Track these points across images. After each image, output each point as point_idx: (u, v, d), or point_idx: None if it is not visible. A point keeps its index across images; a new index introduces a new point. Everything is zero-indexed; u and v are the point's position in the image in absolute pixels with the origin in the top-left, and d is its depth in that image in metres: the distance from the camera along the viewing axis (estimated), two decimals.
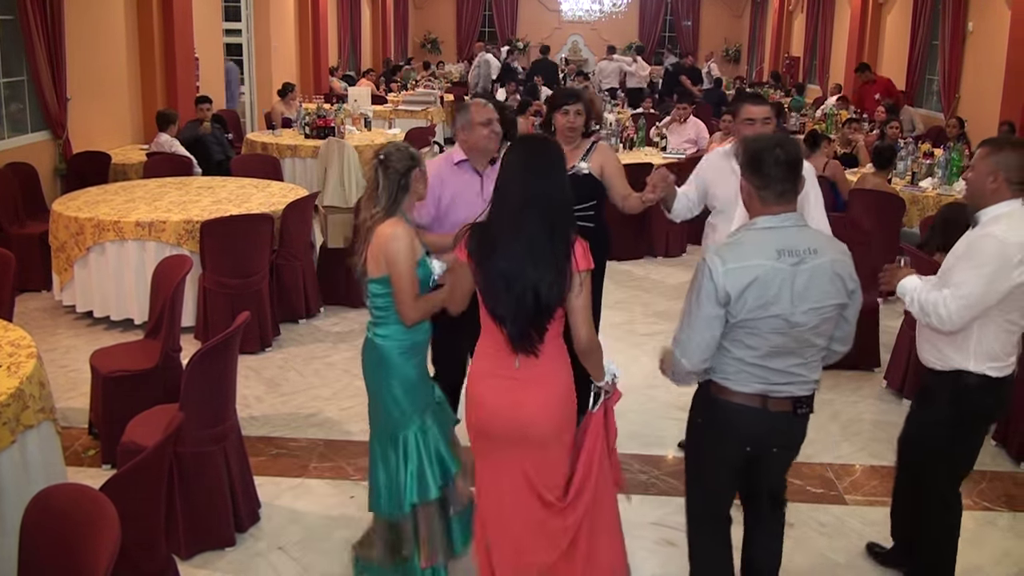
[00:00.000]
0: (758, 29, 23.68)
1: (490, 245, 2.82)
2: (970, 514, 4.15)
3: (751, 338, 2.81)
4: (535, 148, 2.93)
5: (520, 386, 2.89)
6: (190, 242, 5.91)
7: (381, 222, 3.18)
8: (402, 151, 3.25)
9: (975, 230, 3.22)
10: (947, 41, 12.36)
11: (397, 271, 3.14)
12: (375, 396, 3.36)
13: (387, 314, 3.26)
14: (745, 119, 4.05)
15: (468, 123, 3.99)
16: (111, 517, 2.19)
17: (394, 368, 3.28)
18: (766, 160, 2.81)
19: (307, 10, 15.02)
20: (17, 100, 7.94)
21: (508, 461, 2.96)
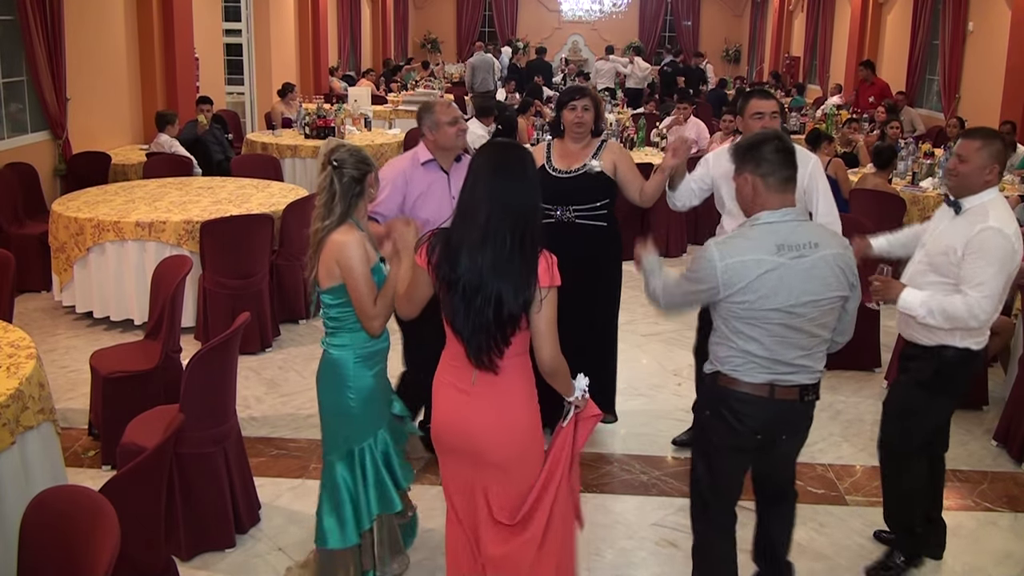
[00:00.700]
0: (758, 29, 23.67)
1: (452, 254, 2.69)
2: (971, 515, 4.17)
3: (755, 330, 2.85)
4: (502, 152, 2.80)
5: (473, 403, 2.79)
6: (190, 242, 5.91)
7: (333, 230, 3.08)
8: (355, 155, 3.14)
9: (965, 221, 3.32)
10: (947, 41, 12.35)
11: (354, 280, 3.04)
12: (329, 410, 3.25)
13: (341, 324, 3.16)
14: (754, 113, 4.07)
15: (435, 123, 4.01)
16: (111, 518, 2.18)
17: (350, 378, 3.17)
18: (765, 148, 2.87)
19: (307, 10, 15.01)
20: (17, 100, 7.94)
21: (467, 476, 2.88)
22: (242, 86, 13.23)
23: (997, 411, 5.05)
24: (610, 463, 4.55)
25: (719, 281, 2.81)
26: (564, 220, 4.34)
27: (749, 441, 3.00)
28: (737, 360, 2.91)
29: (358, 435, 3.21)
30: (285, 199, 6.61)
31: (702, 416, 3.12)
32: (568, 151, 4.43)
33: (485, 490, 2.85)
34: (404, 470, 3.34)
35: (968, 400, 5.22)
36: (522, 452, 2.84)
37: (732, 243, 2.85)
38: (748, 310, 2.82)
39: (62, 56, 7.92)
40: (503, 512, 2.84)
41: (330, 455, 3.26)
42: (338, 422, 3.23)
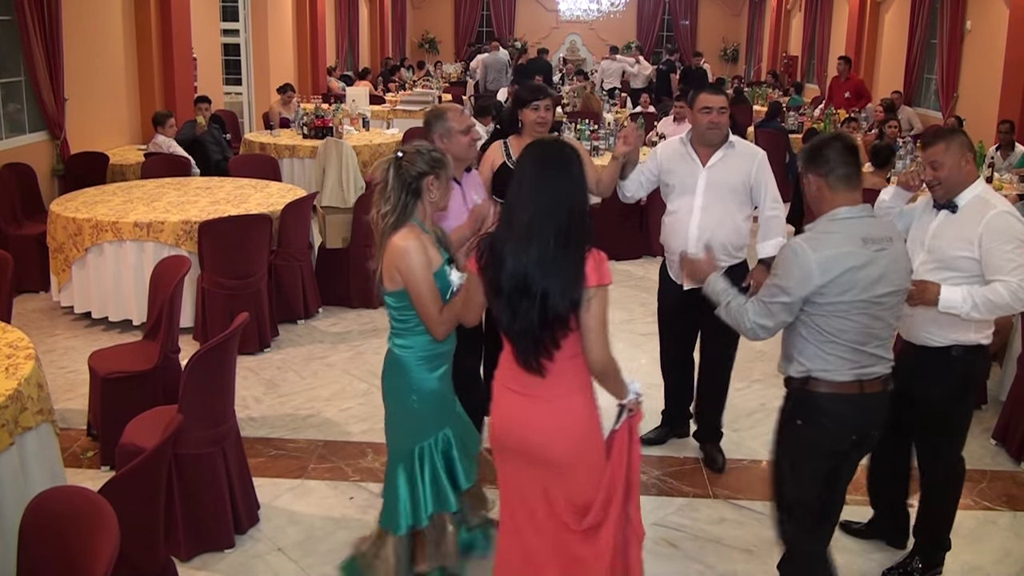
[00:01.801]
0: (756, 28, 23.69)
1: (498, 257, 2.68)
2: (971, 514, 4.17)
3: (844, 323, 2.87)
4: (546, 150, 2.76)
5: (530, 405, 2.77)
6: (188, 243, 5.90)
7: (393, 231, 3.01)
8: (423, 154, 3.05)
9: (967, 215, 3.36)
10: (945, 40, 12.36)
11: (415, 288, 2.99)
12: (393, 407, 3.24)
13: (406, 326, 3.11)
14: (702, 107, 4.16)
15: (447, 131, 3.80)
16: (110, 519, 2.18)
17: (413, 379, 3.14)
18: (827, 149, 2.92)
19: (305, 10, 15.00)
20: (14, 100, 7.93)
21: (528, 478, 2.84)
22: (240, 86, 13.22)
23: (996, 410, 5.05)
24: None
25: (815, 277, 2.81)
26: None
27: (845, 443, 3.00)
28: (827, 358, 2.92)
29: (419, 434, 3.18)
30: (283, 199, 6.60)
31: (791, 427, 3.05)
32: None
33: (547, 491, 2.81)
34: (467, 470, 3.26)
35: None
36: (581, 453, 2.79)
37: (821, 238, 2.86)
38: (838, 304, 2.84)
39: (60, 56, 7.90)
40: (568, 514, 2.80)
41: (391, 449, 3.28)
42: (400, 421, 3.21)
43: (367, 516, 4.03)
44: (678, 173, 4.28)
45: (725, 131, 4.21)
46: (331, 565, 3.69)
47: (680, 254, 3.89)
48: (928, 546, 3.69)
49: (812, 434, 2.99)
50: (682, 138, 4.34)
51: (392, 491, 3.22)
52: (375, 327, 6.41)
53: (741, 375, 5.68)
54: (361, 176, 7.66)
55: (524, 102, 4.36)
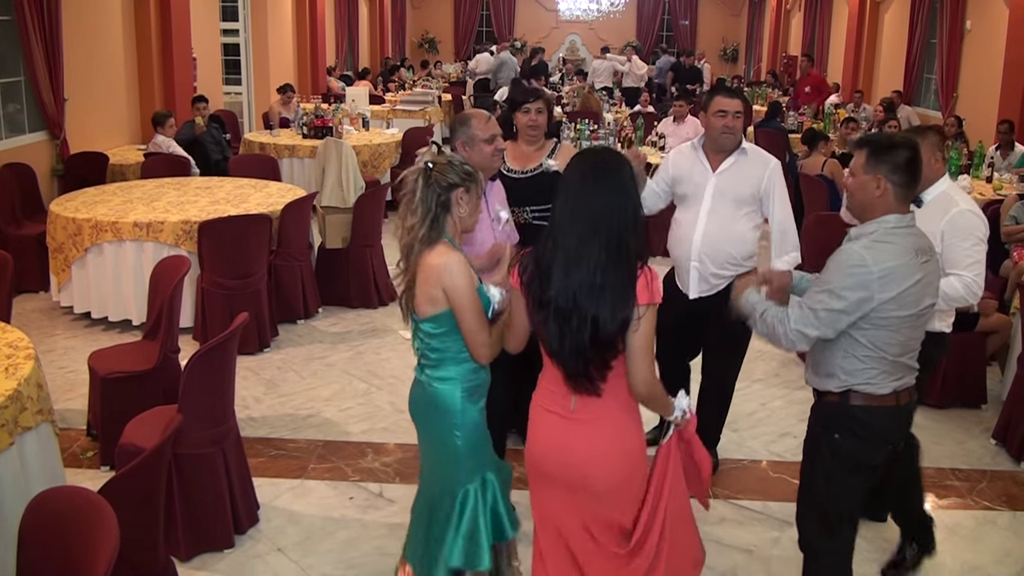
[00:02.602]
0: (756, 28, 23.69)
1: (543, 273, 2.54)
2: (970, 513, 4.17)
3: (893, 336, 2.82)
4: (593, 160, 2.59)
5: (574, 429, 2.63)
6: (188, 243, 5.90)
7: (427, 249, 2.77)
8: (455, 166, 2.84)
9: (931, 211, 3.49)
10: (945, 40, 12.36)
11: (462, 306, 2.74)
12: (434, 448, 2.94)
13: (445, 355, 2.85)
14: (718, 111, 4.01)
15: (471, 139, 3.58)
16: (110, 519, 2.18)
17: (458, 415, 2.85)
18: (903, 155, 2.82)
19: (304, 10, 15.00)
20: (14, 100, 7.93)
21: (565, 506, 2.71)
22: (240, 86, 13.21)
23: (996, 410, 5.05)
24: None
25: (874, 288, 2.73)
26: (521, 222, 4.21)
27: (881, 455, 3.00)
28: (871, 372, 2.86)
29: (463, 476, 2.89)
30: (283, 199, 6.60)
31: (827, 439, 2.98)
32: (522, 153, 4.30)
33: (585, 521, 2.68)
34: (511, 519, 2.98)
35: (966, 399, 5.24)
36: (626, 478, 2.68)
37: (880, 248, 2.77)
38: (891, 319, 2.78)
39: (60, 56, 7.90)
40: (611, 540, 2.69)
41: (427, 491, 2.99)
42: (442, 462, 2.92)
43: (367, 516, 4.04)
44: (689, 180, 4.15)
45: (739, 137, 4.06)
46: (331, 565, 3.70)
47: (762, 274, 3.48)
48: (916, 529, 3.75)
49: (850, 447, 2.95)
50: (694, 143, 4.22)
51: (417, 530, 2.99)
52: (375, 327, 6.41)
53: (742, 375, 5.66)
54: (361, 176, 7.66)
55: (516, 105, 4.28)
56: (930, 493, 4.33)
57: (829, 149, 8.56)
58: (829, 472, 3.01)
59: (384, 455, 4.59)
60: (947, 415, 5.13)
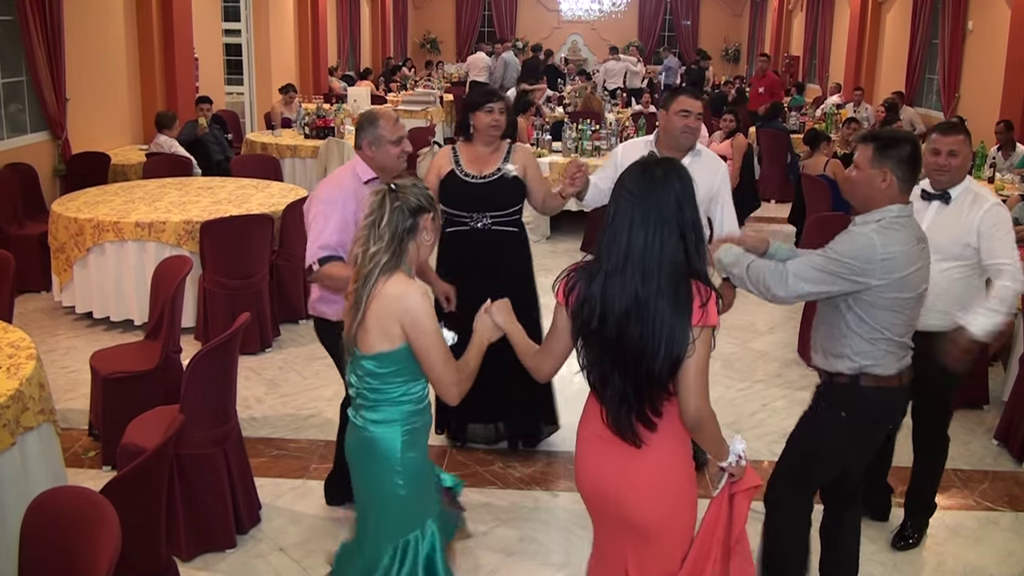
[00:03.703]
0: (757, 28, 23.68)
1: (593, 295, 2.37)
2: (972, 514, 4.17)
3: (898, 317, 2.92)
4: (648, 172, 2.41)
5: (622, 454, 2.45)
6: (190, 243, 5.90)
7: (384, 277, 2.52)
8: (419, 188, 2.63)
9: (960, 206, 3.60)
10: (947, 40, 12.35)
11: (426, 343, 2.52)
12: (370, 498, 2.69)
13: (386, 396, 2.60)
14: (680, 110, 3.98)
15: (378, 139, 3.50)
16: (111, 519, 2.18)
17: (398, 462, 2.59)
18: (907, 150, 2.93)
19: (306, 10, 15.01)
20: (16, 100, 7.93)
21: (610, 541, 2.59)
22: (241, 86, 13.23)
23: (997, 410, 5.05)
24: None
25: (877, 269, 2.82)
26: (481, 228, 4.18)
27: (883, 432, 3.14)
28: (880, 353, 2.96)
29: (404, 525, 2.64)
30: (285, 199, 6.60)
31: (833, 418, 3.05)
32: (478, 155, 4.23)
33: (625, 562, 2.53)
34: (447, 572, 2.71)
35: (969, 399, 5.23)
36: (672, 516, 2.49)
37: (889, 234, 2.87)
38: (895, 300, 2.88)
39: (62, 56, 7.91)
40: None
41: (362, 546, 2.73)
42: (381, 512, 2.66)
43: None
44: None
45: (697, 137, 4.10)
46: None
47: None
48: (919, 513, 3.91)
49: (855, 426, 3.05)
50: (648, 141, 4.21)
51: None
52: None
53: (742, 375, 5.67)
54: None
55: (477, 105, 4.17)
56: None
57: (831, 149, 8.55)
58: (829, 447, 3.10)
59: None
60: None
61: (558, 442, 4.66)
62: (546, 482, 4.36)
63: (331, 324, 3.58)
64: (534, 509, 4.11)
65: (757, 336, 6.41)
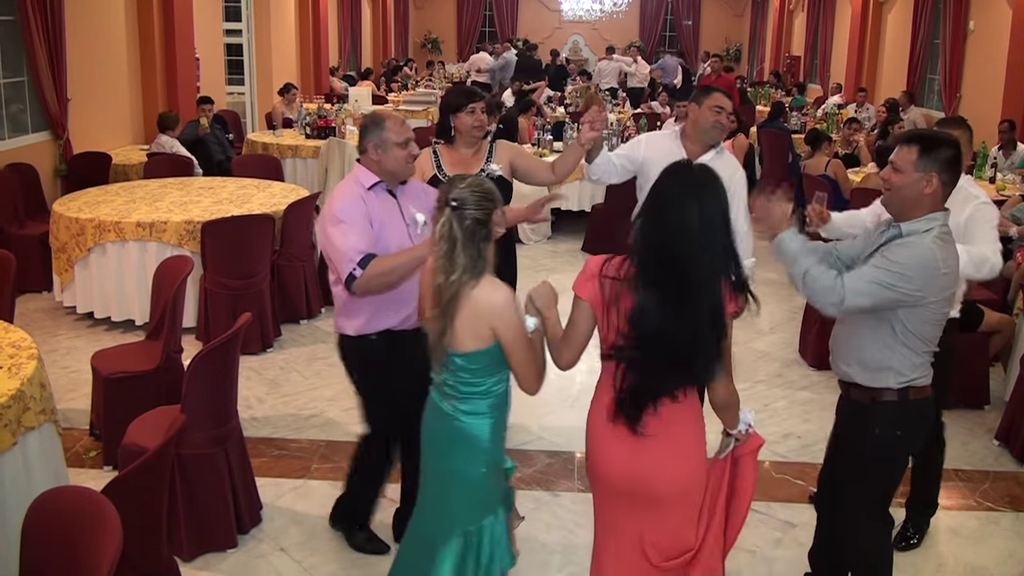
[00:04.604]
0: (759, 28, 23.67)
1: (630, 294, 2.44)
2: (973, 514, 4.17)
3: (937, 329, 2.91)
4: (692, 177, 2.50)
5: (642, 440, 2.55)
6: (191, 243, 5.90)
7: (471, 286, 2.61)
8: (477, 191, 2.64)
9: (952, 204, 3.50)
10: (948, 40, 12.35)
11: (515, 343, 2.63)
12: (456, 483, 2.78)
13: (478, 388, 2.72)
14: (715, 106, 4.02)
15: (383, 142, 3.33)
16: (113, 519, 2.18)
17: (484, 451, 2.75)
18: (952, 153, 2.83)
19: (307, 10, 15.01)
20: (18, 100, 7.94)
21: (624, 521, 2.65)
22: (243, 86, 13.23)
23: (999, 411, 5.05)
24: None
25: (938, 283, 2.77)
26: None
27: (922, 442, 3.15)
28: (922, 367, 2.94)
29: (483, 510, 2.79)
30: (286, 199, 6.61)
31: (888, 439, 2.99)
32: (460, 158, 4.14)
33: (640, 536, 2.63)
34: (511, 553, 2.87)
35: (969, 400, 5.23)
36: (688, 489, 2.62)
37: (947, 249, 2.80)
38: (940, 313, 2.85)
39: (63, 56, 7.91)
40: (658, 555, 2.62)
41: (432, 528, 2.82)
42: (460, 495, 2.78)
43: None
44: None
45: (725, 133, 4.16)
46: (334, 565, 3.70)
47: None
48: (920, 512, 3.93)
49: (907, 442, 3.03)
50: (672, 133, 4.23)
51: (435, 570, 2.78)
52: None
53: (744, 375, 5.67)
54: None
55: (458, 106, 4.07)
56: None
57: (832, 149, 8.56)
58: (889, 467, 3.07)
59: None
60: (950, 416, 5.09)
61: (560, 442, 4.66)
62: (546, 482, 4.36)
63: (352, 339, 3.46)
64: (535, 509, 4.11)
65: (759, 336, 6.40)
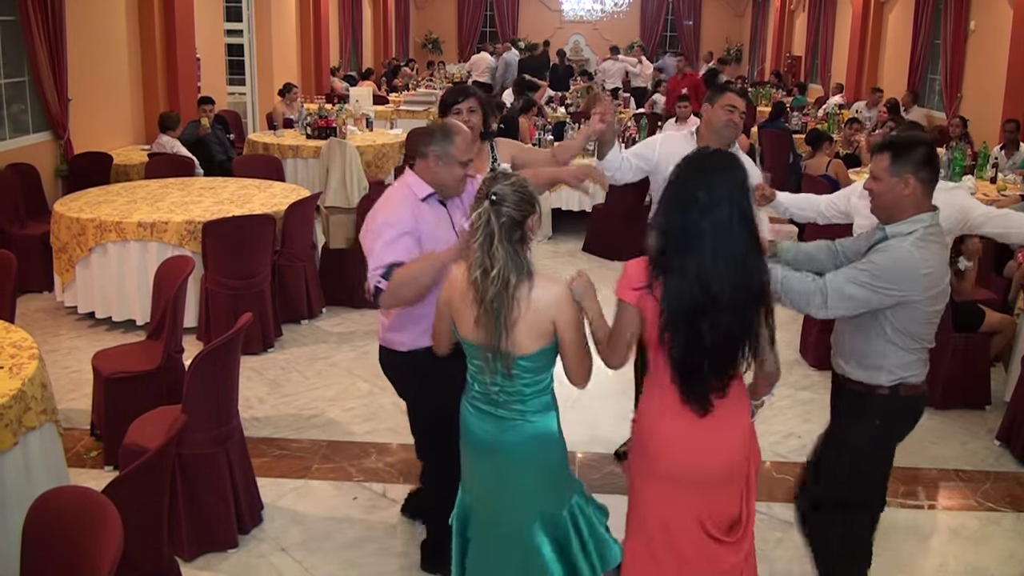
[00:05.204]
0: (759, 28, 23.66)
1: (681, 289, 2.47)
2: (974, 515, 4.16)
3: (930, 328, 2.97)
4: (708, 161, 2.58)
5: (698, 424, 2.61)
6: (192, 243, 5.91)
7: (527, 288, 2.58)
8: (518, 190, 2.60)
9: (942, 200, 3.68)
10: (949, 40, 12.34)
11: (573, 336, 2.64)
12: (538, 478, 2.77)
13: (539, 386, 2.71)
14: (728, 105, 4.04)
15: (447, 155, 3.20)
16: (114, 519, 2.18)
17: (557, 442, 2.78)
18: (925, 152, 2.91)
19: (308, 10, 15.01)
20: (19, 101, 7.94)
21: (681, 507, 2.68)
22: (243, 86, 13.23)
23: (999, 411, 5.04)
24: (613, 463, 4.55)
25: (919, 284, 2.83)
26: None
27: (903, 437, 3.18)
28: (914, 364, 2.99)
29: (565, 496, 2.82)
30: (287, 199, 6.61)
31: (868, 428, 3.07)
32: None
33: (699, 515, 2.68)
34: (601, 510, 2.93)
35: (970, 400, 5.23)
36: (743, 463, 2.73)
37: (929, 249, 2.86)
38: (931, 312, 2.92)
39: (64, 56, 7.91)
40: (721, 529, 2.71)
41: (530, 524, 2.77)
42: (546, 487, 2.79)
43: (371, 516, 4.04)
44: None
45: (738, 134, 4.14)
46: (335, 565, 3.70)
47: None
48: None
49: (887, 436, 3.09)
50: (687, 134, 4.25)
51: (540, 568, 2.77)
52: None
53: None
54: (364, 176, 7.66)
55: (447, 106, 3.95)
56: (934, 494, 4.33)
57: (833, 150, 8.56)
58: (877, 459, 3.15)
59: (387, 455, 4.59)
60: (951, 416, 5.12)
61: None
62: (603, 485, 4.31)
63: (402, 355, 3.35)
64: None
65: None
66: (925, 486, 4.40)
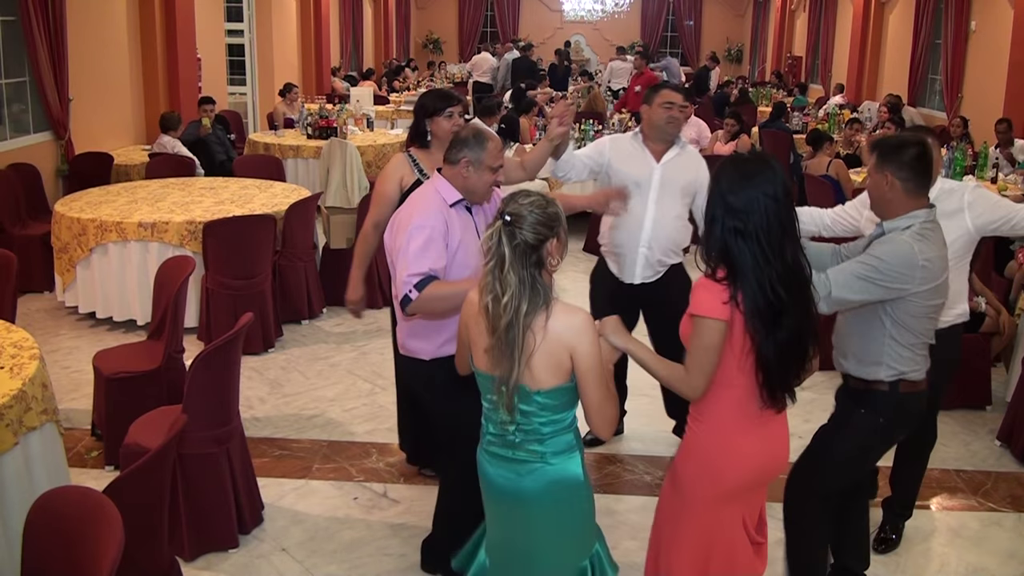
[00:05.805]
0: (760, 29, 23.68)
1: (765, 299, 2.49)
2: (975, 515, 4.16)
3: (930, 323, 3.00)
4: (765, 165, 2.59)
5: (776, 420, 2.69)
6: (193, 243, 5.91)
7: (543, 318, 2.38)
8: (536, 211, 2.41)
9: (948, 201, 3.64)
10: (950, 40, 12.34)
11: (592, 370, 2.41)
12: (558, 526, 2.56)
13: (560, 425, 2.50)
14: (666, 102, 4.12)
15: (479, 162, 3.16)
16: (114, 519, 2.18)
17: (582, 485, 2.56)
18: (908, 152, 2.94)
19: (309, 10, 15.02)
20: (19, 101, 7.94)
21: (729, 514, 2.72)
22: (244, 86, 13.24)
23: (1000, 411, 5.04)
24: (614, 463, 4.55)
25: (916, 278, 2.85)
26: None
27: (907, 433, 3.23)
28: (915, 360, 3.02)
29: (589, 542, 2.64)
30: (288, 199, 6.61)
31: (869, 419, 3.09)
32: (438, 163, 3.86)
33: (743, 516, 2.75)
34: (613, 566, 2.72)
35: (971, 400, 5.23)
36: None
37: (927, 241, 2.89)
38: (929, 305, 2.94)
39: (64, 56, 7.92)
40: (754, 525, 2.79)
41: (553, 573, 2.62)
42: (572, 535, 2.60)
43: (371, 516, 4.04)
44: (631, 171, 4.21)
45: (680, 129, 4.24)
46: (335, 565, 3.70)
47: None
48: (897, 515, 3.92)
49: (888, 430, 3.12)
50: (633, 135, 4.31)
51: None
52: (379, 327, 6.40)
53: None
54: (365, 176, 7.67)
55: (436, 110, 3.87)
56: (935, 495, 4.33)
57: (833, 150, 8.55)
58: (862, 449, 3.16)
59: (388, 455, 4.59)
60: (951, 416, 5.12)
61: None
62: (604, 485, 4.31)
63: (424, 364, 3.28)
64: None
65: None
66: (926, 486, 4.38)
